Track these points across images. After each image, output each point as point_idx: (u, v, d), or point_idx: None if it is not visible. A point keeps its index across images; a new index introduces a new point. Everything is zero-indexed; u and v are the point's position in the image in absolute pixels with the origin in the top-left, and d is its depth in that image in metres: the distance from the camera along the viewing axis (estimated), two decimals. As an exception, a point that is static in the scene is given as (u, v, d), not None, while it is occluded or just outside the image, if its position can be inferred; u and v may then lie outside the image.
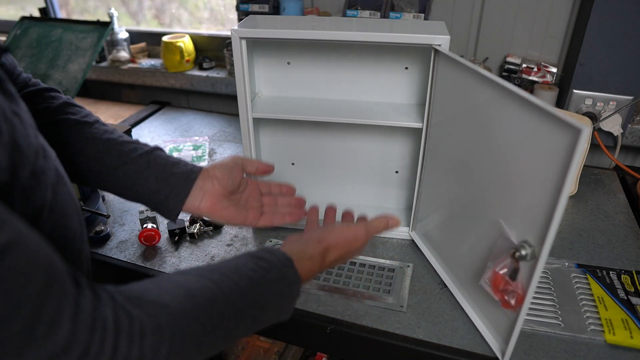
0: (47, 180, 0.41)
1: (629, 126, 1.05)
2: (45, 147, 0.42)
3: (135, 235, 0.88)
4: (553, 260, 0.79)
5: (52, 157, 0.44)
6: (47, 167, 0.41)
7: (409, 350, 0.66)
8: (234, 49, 0.74)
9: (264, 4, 1.20)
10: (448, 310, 0.71)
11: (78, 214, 0.48)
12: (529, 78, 1.11)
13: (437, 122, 0.73)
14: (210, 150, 1.20)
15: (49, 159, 0.43)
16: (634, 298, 0.71)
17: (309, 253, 0.55)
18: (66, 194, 0.45)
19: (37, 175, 0.39)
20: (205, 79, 1.40)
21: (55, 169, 0.44)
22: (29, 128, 0.40)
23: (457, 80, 0.65)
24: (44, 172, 0.40)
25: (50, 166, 0.42)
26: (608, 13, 0.93)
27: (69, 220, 0.45)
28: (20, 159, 0.37)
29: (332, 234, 0.58)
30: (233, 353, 1.11)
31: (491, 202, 0.62)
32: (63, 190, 0.44)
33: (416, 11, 1.09)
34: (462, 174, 0.68)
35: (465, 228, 0.69)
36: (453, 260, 0.74)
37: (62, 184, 0.45)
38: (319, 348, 0.87)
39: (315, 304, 0.73)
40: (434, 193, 0.78)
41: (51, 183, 0.42)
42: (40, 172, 0.40)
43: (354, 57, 0.82)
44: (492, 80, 0.57)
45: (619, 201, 0.97)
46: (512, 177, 0.57)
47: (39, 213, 0.40)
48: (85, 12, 1.79)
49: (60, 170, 0.45)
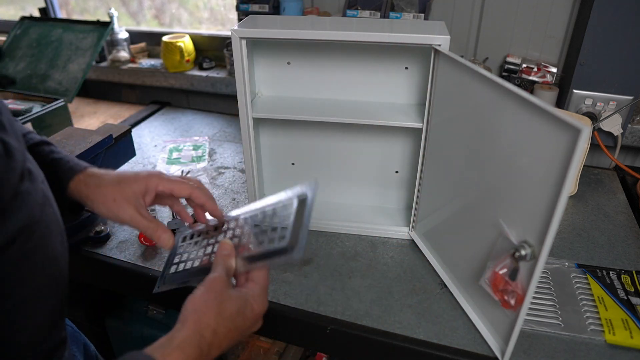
0: (34, 201, 0.44)
1: (629, 126, 1.05)
2: (32, 170, 0.45)
3: (135, 235, 0.88)
4: (553, 260, 0.79)
5: (38, 180, 0.46)
6: (33, 189, 0.44)
7: (409, 350, 0.66)
8: (234, 49, 0.74)
9: (264, 4, 1.20)
10: (448, 310, 0.71)
11: (62, 236, 0.50)
12: (529, 78, 1.11)
13: (437, 122, 0.73)
14: (210, 150, 1.20)
15: (36, 182, 0.45)
16: (634, 298, 0.71)
17: (175, 341, 0.43)
18: (52, 214, 0.47)
19: (22, 195, 0.42)
20: (205, 79, 1.40)
21: (42, 191, 0.46)
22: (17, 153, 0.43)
23: (456, 80, 0.65)
24: (29, 193, 0.43)
25: (36, 188, 0.45)
26: (608, 13, 0.93)
27: (53, 240, 0.47)
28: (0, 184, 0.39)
29: (188, 303, 0.47)
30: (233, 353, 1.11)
31: (491, 202, 0.62)
32: (49, 211, 0.47)
33: (416, 11, 1.09)
34: (461, 174, 0.68)
35: (465, 228, 0.69)
36: (453, 260, 0.74)
37: (49, 205, 0.47)
38: (319, 348, 0.87)
39: (315, 304, 0.73)
40: (434, 193, 0.78)
41: (38, 203, 0.44)
42: (25, 193, 0.42)
43: (354, 57, 0.82)
44: (492, 80, 0.57)
45: (619, 201, 0.97)
46: (512, 177, 0.57)
47: (22, 230, 0.42)
48: (85, 12, 1.79)
49: (47, 193, 0.48)
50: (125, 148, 1.02)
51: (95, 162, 0.92)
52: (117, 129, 0.99)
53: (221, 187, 1.04)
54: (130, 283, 0.84)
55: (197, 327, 0.44)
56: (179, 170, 1.09)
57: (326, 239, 0.87)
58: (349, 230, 0.88)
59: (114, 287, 0.91)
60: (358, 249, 0.84)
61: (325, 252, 0.83)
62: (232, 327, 0.47)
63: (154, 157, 1.17)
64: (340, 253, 0.83)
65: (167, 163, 1.14)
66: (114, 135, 0.94)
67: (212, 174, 1.09)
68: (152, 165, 1.13)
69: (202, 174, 1.08)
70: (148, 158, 1.16)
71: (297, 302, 0.73)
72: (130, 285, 0.86)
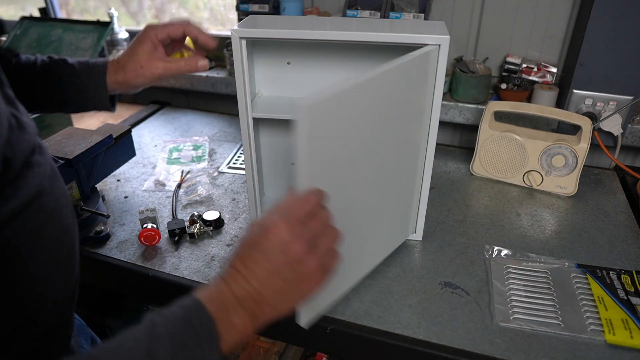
0: (43, 172, 0.46)
1: (629, 126, 1.05)
2: (42, 146, 0.48)
3: (135, 235, 0.88)
4: (553, 260, 0.79)
5: (48, 156, 0.49)
6: (43, 162, 0.47)
7: (409, 350, 0.66)
8: (234, 49, 0.74)
9: (264, 4, 1.20)
10: (448, 310, 0.71)
11: (71, 209, 0.52)
12: (529, 78, 1.11)
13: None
14: (210, 150, 1.20)
15: (45, 156, 0.48)
16: (634, 298, 0.71)
17: (214, 282, 0.44)
18: (60, 188, 0.50)
19: (33, 166, 0.45)
20: (205, 79, 1.40)
21: (50, 165, 0.49)
22: (28, 127, 0.46)
23: None
24: (39, 165, 0.46)
25: (46, 161, 0.48)
26: (608, 13, 0.93)
27: (63, 211, 0.49)
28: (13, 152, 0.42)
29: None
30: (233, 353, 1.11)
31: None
32: (57, 185, 0.49)
33: (416, 11, 1.09)
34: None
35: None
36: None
37: (57, 180, 0.50)
38: (319, 348, 0.87)
39: (315, 304, 0.73)
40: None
41: (47, 175, 0.47)
42: (35, 164, 0.45)
43: (354, 57, 0.82)
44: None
45: (619, 201, 0.97)
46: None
47: (34, 199, 0.44)
48: (85, 12, 1.79)
49: (55, 168, 0.50)
50: (125, 148, 1.02)
51: (95, 162, 0.92)
52: (117, 129, 0.99)
53: (221, 187, 1.04)
54: (130, 283, 0.84)
55: (235, 266, 0.43)
56: (179, 170, 1.09)
57: (326, 239, 0.87)
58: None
59: (114, 287, 0.91)
60: (358, 249, 0.84)
61: (325, 252, 0.83)
62: (258, 256, 0.43)
63: (154, 157, 1.17)
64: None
65: (167, 163, 1.13)
66: (114, 135, 0.94)
67: (212, 173, 1.09)
68: (152, 165, 1.13)
69: (202, 174, 1.08)
70: (148, 158, 1.16)
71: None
72: (130, 285, 0.86)
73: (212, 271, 0.79)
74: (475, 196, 0.99)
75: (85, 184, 0.90)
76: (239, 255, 0.44)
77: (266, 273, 0.42)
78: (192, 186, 1.04)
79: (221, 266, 0.63)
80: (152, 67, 0.71)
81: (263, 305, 0.42)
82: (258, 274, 0.42)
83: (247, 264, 0.43)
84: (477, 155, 1.04)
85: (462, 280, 0.76)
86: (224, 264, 0.46)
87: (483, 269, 0.78)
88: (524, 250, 0.82)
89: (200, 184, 1.04)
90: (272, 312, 0.43)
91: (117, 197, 1.01)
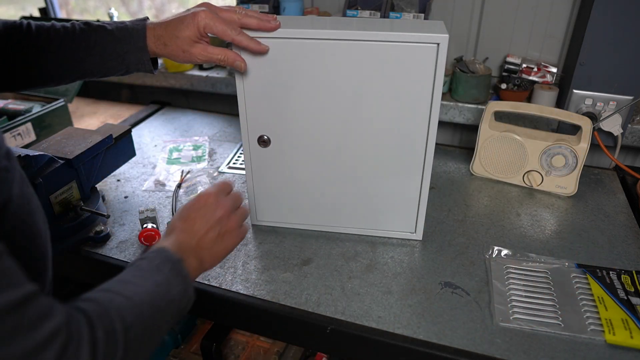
0: (12, 178, 0.46)
1: (629, 126, 1.05)
2: (9, 151, 0.47)
3: (135, 235, 0.88)
4: (553, 260, 0.79)
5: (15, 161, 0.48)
6: (11, 167, 0.46)
7: (409, 350, 0.66)
8: (234, 49, 0.74)
9: (264, 4, 1.20)
10: (448, 310, 0.71)
11: (43, 215, 0.51)
12: (529, 78, 1.11)
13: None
14: (210, 150, 1.20)
15: (13, 161, 0.47)
16: (634, 298, 0.71)
17: (167, 237, 0.58)
18: (30, 195, 0.49)
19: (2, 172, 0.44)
20: (205, 79, 1.40)
21: (19, 171, 0.48)
22: None
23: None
24: (7, 170, 0.45)
25: (15, 166, 0.47)
26: (608, 13, 0.93)
27: (35, 217, 0.49)
28: None
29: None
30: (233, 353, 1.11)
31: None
32: (27, 190, 0.49)
33: (416, 11, 1.09)
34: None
35: None
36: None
37: (27, 185, 0.49)
38: (319, 348, 0.87)
39: (315, 304, 0.73)
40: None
41: (17, 181, 0.46)
42: (3, 169, 0.44)
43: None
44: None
45: (619, 201, 0.97)
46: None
47: (3, 206, 0.44)
48: (85, 12, 1.80)
49: (23, 174, 0.49)
50: (125, 148, 1.02)
51: (95, 162, 0.92)
52: (117, 128, 0.99)
53: (221, 187, 1.04)
54: (130, 283, 0.84)
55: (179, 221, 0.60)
56: (179, 170, 1.09)
57: (326, 239, 0.87)
58: (349, 230, 0.88)
59: (114, 287, 0.91)
60: (358, 249, 0.84)
61: (325, 252, 0.83)
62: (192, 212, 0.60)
63: (154, 157, 1.17)
64: (340, 253, 0.83)
65: (167, 163, 1.14)
66: (114, 135, 0.94)
67: (212, 173, 1.09)
68: (152, 165, 1.13)
69: (202, 174, 1.08)
70: (148, 158, 1.16)
71: (297, 302, 0.73)
72: (130, 285, 0.85)
73: (212, 271, 0.79)
74: (475, 196, 0.99)
75: (85, 184, 0.90)
76: (181, 217, 0.59)
77: (202, 228, 0.58)
78: (192, 186, 1.04)
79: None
80: (194, 55, 0.71)
81: (204, 252, 0.58)
82: (196, 229, 0.58)
83: (187, 222, 0.59)
84: (477, 155, 1.04)
85: (462, 280, 0.76)
86: (168, 225, 0.62)
87: (483, 269, 0.78)
88: (524, 250, 0.82)
89: (200, 184, 1.04)
90: (211, 258, 0.59)
91: (117, 197, 1.01)
